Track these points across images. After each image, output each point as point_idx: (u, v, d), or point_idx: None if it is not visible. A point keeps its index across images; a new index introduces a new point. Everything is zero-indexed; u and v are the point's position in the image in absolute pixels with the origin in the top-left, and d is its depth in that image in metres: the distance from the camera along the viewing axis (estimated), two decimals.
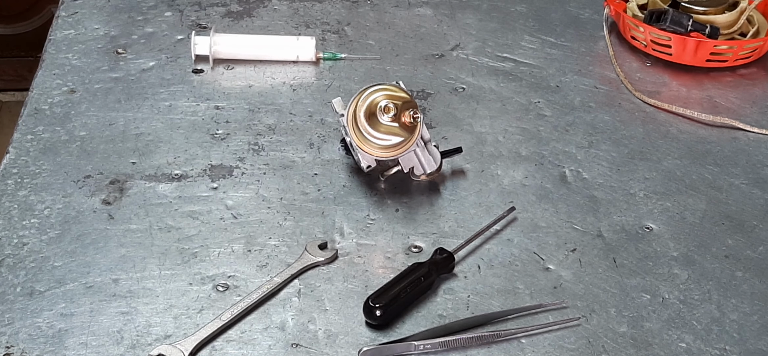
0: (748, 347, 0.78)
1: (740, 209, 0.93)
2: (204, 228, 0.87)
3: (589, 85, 1.12)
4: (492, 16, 1.25)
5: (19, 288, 0.80)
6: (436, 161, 0.92)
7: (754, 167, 0.99)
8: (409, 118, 0.87)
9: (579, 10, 1.27)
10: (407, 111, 0.87)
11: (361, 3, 1.27)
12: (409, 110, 0.87)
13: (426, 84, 1.11)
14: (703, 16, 1.14)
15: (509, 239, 0.88)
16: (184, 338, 0.75)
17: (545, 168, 0.98)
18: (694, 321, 0.80)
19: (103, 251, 0.84)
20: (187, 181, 0.93)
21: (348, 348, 0.76)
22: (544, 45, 1.20)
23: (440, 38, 1.20)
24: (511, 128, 1.04)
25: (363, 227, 0.89)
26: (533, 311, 0.80)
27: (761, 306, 0.82)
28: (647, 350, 0.77)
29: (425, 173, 0.92)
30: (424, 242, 0.87)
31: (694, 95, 1.11)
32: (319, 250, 0.84)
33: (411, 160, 0.91)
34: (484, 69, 1.14)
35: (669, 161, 0.99)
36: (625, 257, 0.86)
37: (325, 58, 1.14)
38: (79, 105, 1.03)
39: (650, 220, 0.91)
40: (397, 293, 0.79)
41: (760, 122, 1.06)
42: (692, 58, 1.13)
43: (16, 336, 0.75)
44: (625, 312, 0.80)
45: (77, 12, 1.19)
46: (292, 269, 0.82)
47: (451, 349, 0.76)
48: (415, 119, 0.87)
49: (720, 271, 0.85)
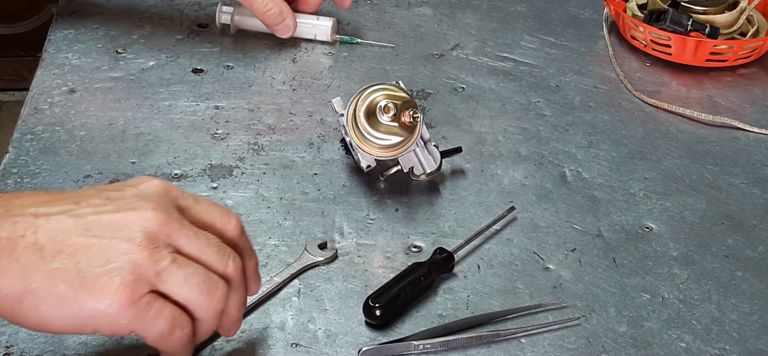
0: (748, 347, 0.78)
1: (740, 209, 0.93)
2: None
3: (589, 85, 1.12)
4: (492, 16, 1.25)
5: None
6: (435, 161, 0.92)
7: (754, 167, 0.99)
8: (409, 118, 0.87)
9: (579, 10, 1.27)
10: (407, 111, 0.87)
11: (360, 3, 1.27)
12: (408, 109, 0.87)
13: (426, 84, 1.11)
14: (703, 16, 1.14)
15: (509, 239, 0.88)
16: None
17: (545, 168, 0.98)
18: (693, 320, 0.80)
19: None
20: (187, 181, 0.93)
21: (348, 348, 0.76)
22: (543, 45, 1.20)
23: (440, 38, 1.20)
24: (510, 128, 1.04)
25: (363, 226, 0.89)
26: (533, 311, 0.80)
27: (761, 306, 0.82)
28: (647, 350, 0.77)
29: (425, 173, 0.92)
30: (424, 242, 0.87)
31: (693, 94, 1.11)
32: (318, 250, 0.84)
33: (411, 160, 0.91)
34: (483, 69, 1.14)
35: (669, 161, 1.00)
36: (625, 257, 0.86)
37: (341, 42, 1.16)
38: (78, 105, 1.03)
39: (650, 220, 0.91)
40: (397, 293, 0.79)
41: (760, 122, 1.06)
42: (692, 58, 1.13)
43: (16, 336, 0.75)
44: (624, 312, 0.81)
45: (77, 12, 1.19)
46: (292, 268, 0.82)
47: (451, 349, 0.76)
48: (414, 119, 0.87)
49: (720, 271, 0.85)
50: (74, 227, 0.60)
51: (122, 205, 0.61)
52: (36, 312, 0.59)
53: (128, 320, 0.60)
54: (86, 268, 0.59)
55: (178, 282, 0.61)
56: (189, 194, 0.66)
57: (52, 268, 0.58)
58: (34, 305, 0.59)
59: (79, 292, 0.59)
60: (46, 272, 0.58)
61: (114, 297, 0.59)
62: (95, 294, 0.59)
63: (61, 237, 0.59)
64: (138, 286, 0.59)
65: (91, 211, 0.61)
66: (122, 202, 0.61)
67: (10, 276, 0.58)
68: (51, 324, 0.60)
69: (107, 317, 0.59)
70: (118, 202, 0.61)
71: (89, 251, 0.59)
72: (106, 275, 0.59)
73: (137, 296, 0.59)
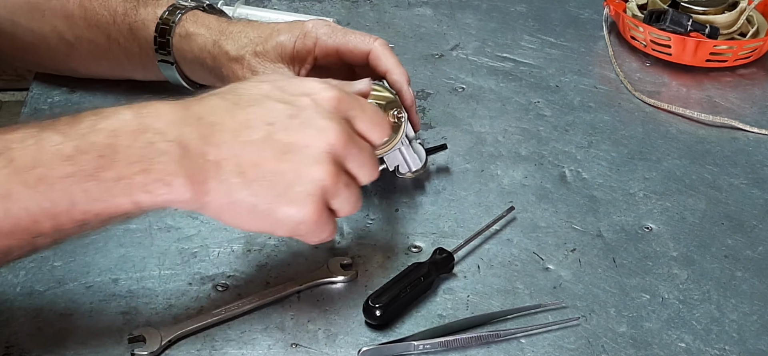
0: (748, 347, 0.78)
1: (740, 209, 0.93)
2: (203, 228, 0.87)
3: (589, 85, 1.12)
4: (492, 16, 1.25)
5: (19, 288, 0.80)
6: (421, 159, 0.92)
7: (753, 167, 0.99)
8: (393, 118, 0.88)
9: (579, 10, 1.27)
10: (391, 111, 0.88)
11: (360, 3, 1.27)
12: (393, 109, 0.88)
13: (426, 84, 1.11)
14: (703, 16, 1.14)
15: (509, 239, 0.88)
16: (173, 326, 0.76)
17: (545, 168, 0.98)
18: (693, 321, 0.80)
19: (103, 251, 0.84)
20: None
21: (348, 348, 0.76)
22: (543, 45, 1.20)
23: (440, 38, 1.20)
24: (510, 128, 1.04)
25: (363, 227, 0.89)
26: (533, 311, 0.80)
27: (761, 306, 0.82)
28: (647, 350, 0.77)
29: (410, 171, 0.92)
30: (424, 242, 0.87)
31: (693, 94, 1.11)
32: (340, 268, 0.83)
33: (396, 158, 0.91)
34: (483, 69, 1.14)
35: (669, 161, 1.00)
36: (625, 257, 0.86)
37: None
38: (78, 105, 1.03)
39: (650, 220, 0.91)
40: (397, 293, 0.79)
41: (760, 122, 1.06)
42: (692, 58, 1.13)
43: (16, 336, 0.75)
44: (624, 312, 0.81)
45: None
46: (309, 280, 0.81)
47: (451, 349, 0.76)
48: (399, 119, 0.88)
49: (719, 271, 0.85)
50: (271, 152, 0.69)
51: (306, 122, 0.70)
52: (234, 218, 0.70)
53: (307, 230, 0.71)
54: (283, 190, 0.69)
55: (343, 201, 0.72)
56: (354, 101, 0.74)
57: (253, 190, 0.68)
58: (233, 214, 0.70)
59: (277, 208, 0.69)
60: (249, 192, 0.68)
61: (305, 214, 0.70)
62: (289, 210, 0.69)
63: (260, 161, 0.69)
64: (322, 205, 0.70)
65: (281, 129, 0.70)
66: (306, 119, 0.71)
67: (217, 193, 0.68)
68: (244, 226, 0.72)
69: (293, 226, 0.70)
70: (303, 118, 0.71)
71: (285, 176, 0.69)
72: (299, 195, 0.69)
73: (320, 212, 0.70)
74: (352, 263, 0.83)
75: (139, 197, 0.67)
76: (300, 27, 0.90)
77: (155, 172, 0.66)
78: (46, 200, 0.65)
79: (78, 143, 0.66)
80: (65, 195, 0.65)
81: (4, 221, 0.64)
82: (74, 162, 0.65)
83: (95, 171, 0.65)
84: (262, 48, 0.89)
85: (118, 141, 0.66)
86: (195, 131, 0.68)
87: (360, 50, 0.88)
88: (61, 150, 0.65)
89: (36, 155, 0.65)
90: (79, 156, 0.65)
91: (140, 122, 0.67)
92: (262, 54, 0.89)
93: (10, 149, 0.65)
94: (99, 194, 0.66)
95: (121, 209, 0.67)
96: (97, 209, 0.66)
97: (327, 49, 0.89)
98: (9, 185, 0.64)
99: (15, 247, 0.66)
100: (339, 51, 0.89)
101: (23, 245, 0.66)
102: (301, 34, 0.89)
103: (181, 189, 0.67)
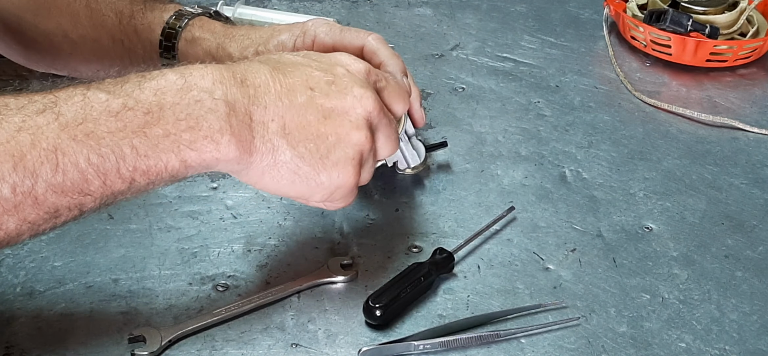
0: (748, 347, 0.78)
1: (740, 209, 0.93)
2: (204, 228, 0.87)
3: (589, 85, 1.12)
4: (492, 16, 1.25)
5: (19, 288, 0.80)
6: (420, 156, 0.92)
7: (753, 167, 0.99)
8: None
9: (579, 10, 1.27)
10: None
11: (360, 3, 1.27)
12: None
13: (426, 84, 1.11)
14: (703, 16, 1.14)
15: (509, 239, 0.88)
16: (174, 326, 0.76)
17: (545, 168, 0.98)
18: (693, 320, 0.80)
19: (103, 251, 0.84)
20: (187, 181, 0.93)
21: (348, 348, 0.76)
22: (543, 45, 1.20)
23: (440, 38, 1.20)
24: (510, 128, 1.04)
25: (363, 227, 0.89)
26: (533, 311, 0.80)
27: (761, 306, 0.82)
28: (647, 350, 0.77)
29: (409, 167, 0.92)
30: (424, 243, 0.87)
31: (693, 94, 1.11)
32: (340, 268, 0.83)
33: (395, 154, 0.91)
34: (483, 69, 1.14)
35: (669, 161, 1.00)
36: (625, 257, 0.86)
37: None
38: None
39: (650, 220, 0.91)
40: (397, 293, 0.79)
41: (759, 122, 1.06)
42: (692, 58, 1.13)
43: (15, 336, 0.75)
44: (624, 312, 0.80)
45: None
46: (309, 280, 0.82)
47: (451, 349, 0.76)
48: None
49: (720, 271, 0.85)
50: (314, 116, 0.71)
51: (345, 88, 0.73)
52: (275, 181, 0.71)
53: (342, 195, 0.73)
54: (325, 152, 0.71)
55: (368, 170, 0.75)
56: (380, 73, 0.77)
57: (298, 152, 0.70)
58: (275, 177, 0.71)
59: (319, 171, 0.71)
60: (294, 153, 0.70)
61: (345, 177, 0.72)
62: (332, 172, 0.72)
63: (304, 123, 0.71)
64: (358, 170, 0.73)
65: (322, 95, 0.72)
66: (344, 85, 0.73)
67: (263, 153, 0.70)
68: (282, 190, 0.72)
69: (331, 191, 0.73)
70: (340, 85, 0.73)
71: (327, 139, 0.71)
72: (341, 159, 0.72)
73: (357, 177, 0.73)
74: (352, 263, 0.83)
75: (186, 155, 0.67)
76: (300, 27, 0.90)
77: (203, 129, 0.67)
78: (94, 155, 0.64)
79: (124, 99, 0.66)
80: (113, 150, 0.65)
81: (53, 176, 0.64)
82: (121, 118, 0.65)
83: (142, 127, 0.66)
84: (264, 48, 0.89)
85: (165, 99, 0.67)
86: (240, 92, 0.69)
87: (355, 45, 0.88)
88: (108, 106, 0.65)
89: (83, 111, 0.65)
90: (125, 112, 0.65)
91: (186, 80, 0.68)
92: (264, 54, 0.89)
93: (56, 104, 0.65)
94: (146, 150, 0.66)
95: (168, 167, 0.67)
96: (144, 166, 0.66)
97: (325, 47, 0.89)
98: (58, 139, 0.64)
99: (63, 208, 0.65)
100: (336, 48, 0.89)
101: (71, 205, 0.65)
102: (301, 33, 0.89)
103: (228, 147, 0.68)
